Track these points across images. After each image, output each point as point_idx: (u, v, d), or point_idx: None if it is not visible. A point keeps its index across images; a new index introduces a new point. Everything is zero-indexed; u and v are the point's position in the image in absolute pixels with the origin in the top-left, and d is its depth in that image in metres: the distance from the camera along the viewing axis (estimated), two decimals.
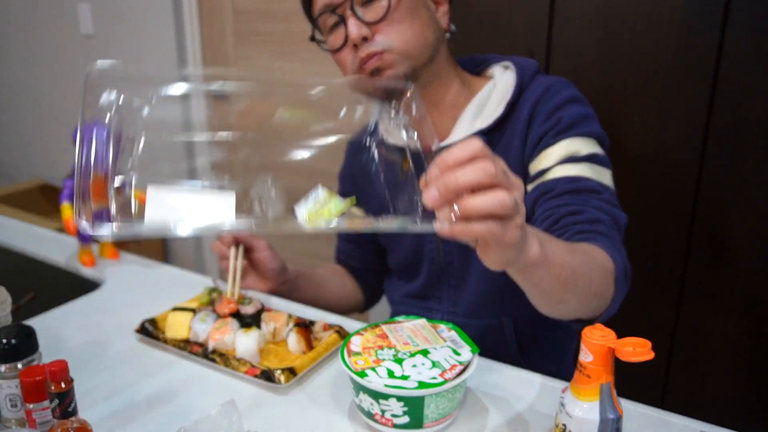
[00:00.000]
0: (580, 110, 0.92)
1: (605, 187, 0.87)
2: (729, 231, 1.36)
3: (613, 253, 0.78)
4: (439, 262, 1.03)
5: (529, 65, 0.97)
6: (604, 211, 0.84)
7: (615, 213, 0.85)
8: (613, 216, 0.84)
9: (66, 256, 1.22)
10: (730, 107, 1.30)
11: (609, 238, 0.81)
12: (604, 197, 0.85)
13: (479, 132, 0.94)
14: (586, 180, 0.86)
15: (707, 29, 1.28)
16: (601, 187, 0.86)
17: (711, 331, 1.43)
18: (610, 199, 0.86)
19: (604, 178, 0.88)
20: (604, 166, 0.90)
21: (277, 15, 2.30)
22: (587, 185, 0.86)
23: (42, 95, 3.12)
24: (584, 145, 0.89)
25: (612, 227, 0.83)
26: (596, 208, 0.84)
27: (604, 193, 0.86)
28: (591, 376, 0.60)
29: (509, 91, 0.94)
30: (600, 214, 0.83)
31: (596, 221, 0.82)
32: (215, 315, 0.93)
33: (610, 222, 0.83)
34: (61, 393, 0.57)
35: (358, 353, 0.72)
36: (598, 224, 0.82)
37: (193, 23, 2.51)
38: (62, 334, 0.94)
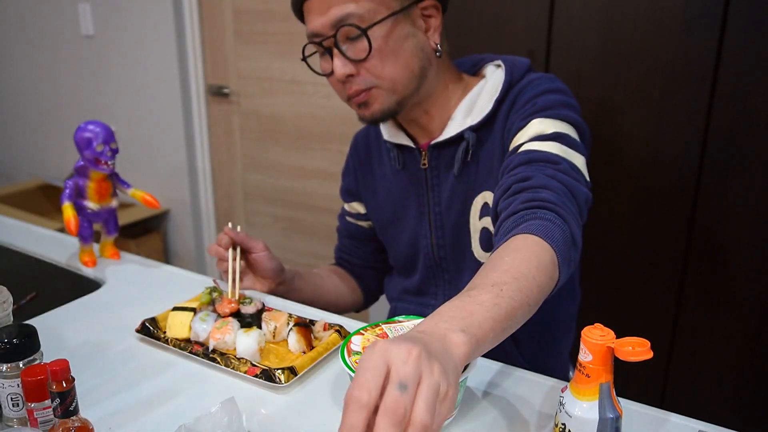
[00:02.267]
0: (558, 98, 0.91)
1: (566, 161, 0.84)
2: (728, 231, 1.36)
3: (551, 231, 0.73)
4: (432, 256, 1.05)
5: (519, 63, 0.97)
6: (558, 180, 0.81)
7: (571, 183, 0.81)
8: (568, 185, 0.81)
9: (67, 255, 1.22)
10: (730, 107, 1.30)
11: (554, 205, 0.77)
12: (561, 167, 0.83)
13: (469, 128, 0.95)
14: (546, 153, 0.84)
15: (707, 29, 1.29)
16: (560, 159, 0.84)
17: (710, 331, 1.43)
18: (569, 171, 0.83)
19: (571, 157, 0.85)
20: (575, 149, 0.87)
21: (277, 15, 2.31)
22: (544, 156, 0.84)
23: (42, 95, 3.13)
24: (554, 125, 0.88)
25: (563, 195, 0.80)
26: (548, 176, 0.81)
27: (563, 164, 0.83)
28: (590, 376, 0.60)
29: (498, 88, 0.95)
30: (550, 180, 0.80)
31: (543, 188, 0.79)
32: (216, 315, 0.93)
33: (561, 189, 0.80)
34: (62, 392, 0.58)
35: (358, 353, 0.72)
36: (544, 191, 0.79)
37: (193, 23, 2.51)
38: (63, 333, 0.94)
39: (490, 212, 0.95)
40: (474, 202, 0.98)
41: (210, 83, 2.59)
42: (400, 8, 0.89)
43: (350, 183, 1.18)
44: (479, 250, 0.99)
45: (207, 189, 2.73)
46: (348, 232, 1.22)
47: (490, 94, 0.96)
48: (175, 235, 2.85)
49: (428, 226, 1.04)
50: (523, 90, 0.94)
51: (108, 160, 1.10)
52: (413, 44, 0.91)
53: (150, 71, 2.64)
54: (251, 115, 2.52)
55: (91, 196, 1.14)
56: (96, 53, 2.80)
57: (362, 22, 0.87)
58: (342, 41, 0.89)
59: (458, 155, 0.97)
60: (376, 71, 0.90)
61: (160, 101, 2.65)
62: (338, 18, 0.87)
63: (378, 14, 0.87)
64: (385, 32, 0.88)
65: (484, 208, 0.97)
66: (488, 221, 0.96)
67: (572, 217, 0.78)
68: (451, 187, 1.00)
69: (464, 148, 0.96)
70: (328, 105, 2.28)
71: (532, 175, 0.81)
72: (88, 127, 1.09)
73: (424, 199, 1.04)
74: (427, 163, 1.01)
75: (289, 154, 2.46)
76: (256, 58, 2.43)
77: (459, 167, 0.97)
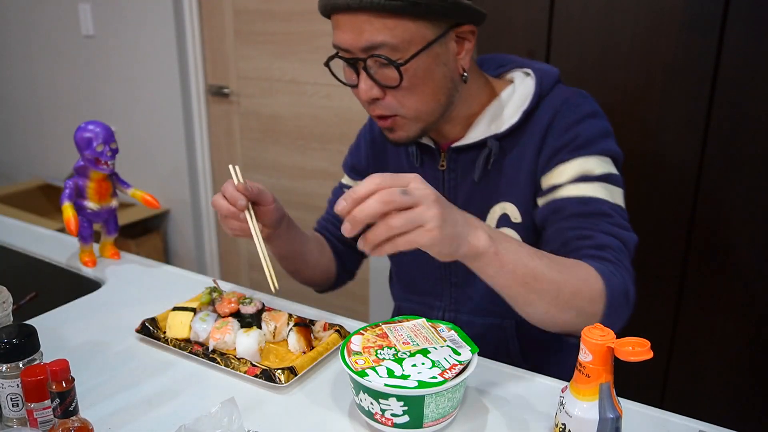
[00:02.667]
0: (597, 126, 0.91)
1: (616, 208, 0.87)
2: (728, 231, 1.36)
3: (609, 274, 0.79)
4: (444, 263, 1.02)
5: (549, 74, 0.95)
6: (614, 235, 0.84)
7: (624, 236, 0.85)
8: (623, 239, 0.84)
9: (67, 256, 1.22)
10: (730, 107, 1.30)
11: (614, 264, 0.81)
12: (614, 220, 0.85)
13: (493, 136, 0.93)
14: (598, 202, 0.86)
15: (707, 29, 1.29)
16: (612, 209, 0.86)
17: (710, 331, 1.43)
18: (620, 222, 0.86)
19: (616, 198, 0.88)
20: (618, 186, 0.89)
21: (277, 15, 2.31)
22: (598, 208, 0.85)
23: (42, 95, 3.13)
24: (599, 164, 0.88)
25: (620, 252, 0.83)
26: (605, 232, 0.84)
27: (615, 215, 0.85)
28: (590, 376, 0.60)
29: (527, 98, 0.93)
30: (609, 239, 0.83)
31: (604, 247, 0.83)
32: (216, 315, 0.93)
33: (618, 246, 0.83)
34: (62, 392, 0.58)
35: (358, 353, 0.72)
36: (606, 250, 0.82)
37: (194, 23, 2.52)
38: (63, 333, 0.94)
39: (508, 224, 0.95)
40: (492, 210, 0.96)
41: (210, 83, 2.59)
42: (435, 38, 0.85)
43: (359, 161, 1.14)
44: None
45: (207, 189, 2.73)
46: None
47: (517, 104, 0.94)
48: (175, 235, 2.85)
49: None
50: (560, 112, 0.91)
51: (108, 160, 1.10)
52: (442, 74, 0.88)
53: (150, 71, 2.64)
54: (251, 115, 2.52)
55: (91, 196, 1.14)
56: (96, 53, 2.80)
57: (395, 52, 0.83)
58: (371, 66, 0.85)
59: (479, 162, 0.95)
60: (402, 101, 0.88)
61: (160, 101, 2.65)
62: (371, 45, 0.83)
63: (412, 46, 0.83)
64: (417, 64, 0.85)
65: (502, 218, 0.96)
66: (505, 231, 0.95)
67: (629, 275, 0.82)
68: (468, 191, 0.98)
69: (486, 156, 0.94)
70: (328, 105, 2.28)
71: (592, 234, 0.84)
72: (88, 127, 1.09)
73: None
74: (445, 165, 0.99)
75: (289, 154, 2.46)
76: (256, 58, 2.43)
77: (480, 174, 0.95)
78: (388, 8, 0.79)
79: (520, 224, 0.95)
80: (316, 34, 2.22)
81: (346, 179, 1.18)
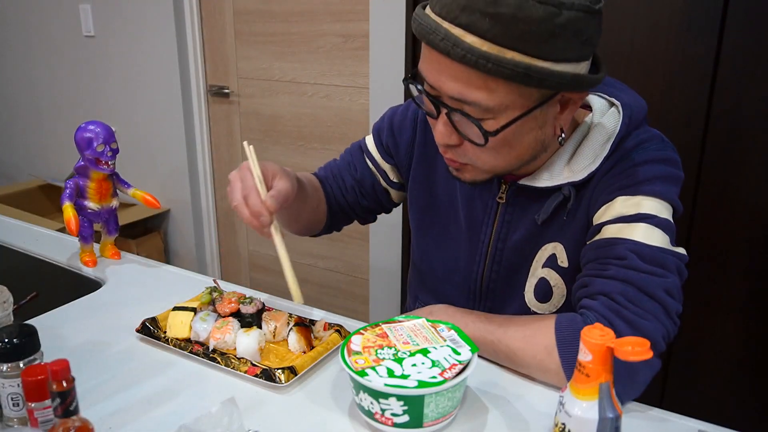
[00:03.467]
0: (658, 170, 0.80)
1: (642, 248, 0.75)
2: (728, 231, 1.36)
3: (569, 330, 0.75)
4: (479, 283, 0.97)
5: (638, 111, 0.83)
6: (623, 279, 0.75)
7: (639, 279, 0.74)
8: (635, 283, 0.74)
9: (67, 255, 1.22)
10: (729, 107, 1.30)
11: (598, 313, 0.74)
12: (628, 263, 0.75)
13: (570, 183, 0.82)
14: (620, 243, 0.77)
15: (707, 29, 1.29)
16: (633, 250, 0.75)
17: (709, 331, 1.43)
18: (637, 265, 0.75)
19: (653, 239, 0.76)
20: (661, 228, 0.77)
21: (277, 15, 2.31)
22: (614, 251, 0.77)
23: (42, 95, 3.13)
24: (644, 204, 0.78)
25: (625, 297, 0.74)
26: (610, 277, 0.76)
27: (631, 258, 0.75)
28: (590, 376, 0.60)
29: (610, 141, 0.81)
30: (612, 285, 0.75)
31: (597, 295, 0.76)
32: (216, 314, 0.93)
33: (623, 291, 0.74)
34: (62, 392, 0.58)
35: (358, 352, 0.72)
36: (598, 298, 0.76)
37: (194, 24, 2.52)
38: (64, 333, 0.94)
39: (554, 265, 0.89)
40: (543, 248, 0.89)
41: (210, 83, 2.59)
42: (539, 103, 0.73)
43: (398, 148, 1.02)
44: (531, 296, 0.91)
45: (207, 189, 2.73)
46: (357, 172, 1.06)
47: (598, 145, 0.82)
48: (175, 235, 2.85)
49: (484, 256, 0.94)
50: (628, 154, 0.81)
51: (108, 160, 1.10)
52: (534, 137, 0.77)
53: (150, 71, 2.64)
54: (251, 115, 2.52)
55: (92, 196, 1.14)
56: (96, 53, 2.80)
57: (487, 113, 0.72)
58: (455, 114, 0.74)
59: (548, 207, 0.84)
60: (481, 156, 0.78)
61: (160, 101, 2.65)
62: (461, 98, 0.72)
63: (510, 110, 0.72)
64: (510, 128, 0.74)
65: (549, 258, 0.88)
66: (549, 272, 0.89)
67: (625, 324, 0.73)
68: (525, 230, 0.89)
69: (559, 202, 0.84)
70: (328, 105, 2.28)
71: (592, 281, 0.78)
72: (88, 127, 1.10)
73: (488, 229, 0.93)
74: (504, 199, 0.90)
75: (290, 154, 2.46)
76: (257, 59, 2.43)
77: (544, 219, 0.85)
78: (494, 72, 0.67)
79: (565, 269, 0.87)
80: (316, 34, 2.22)
81: (371, 145, 1.06)
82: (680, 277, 0.78)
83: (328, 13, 2.17)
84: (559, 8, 0.66)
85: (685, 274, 0.79)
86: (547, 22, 0.66)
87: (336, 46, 2.19)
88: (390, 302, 2.16)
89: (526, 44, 0.67)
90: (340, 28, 2.16)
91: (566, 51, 0.69)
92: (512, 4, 0.65)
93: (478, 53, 0.67)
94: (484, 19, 0.66)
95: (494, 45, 0.67)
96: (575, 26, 0.68)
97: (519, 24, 0.65)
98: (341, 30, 2.16)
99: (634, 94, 0.87)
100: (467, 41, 0.67)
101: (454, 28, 0.68)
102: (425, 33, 0.71)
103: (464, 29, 0.67)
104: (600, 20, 0.72)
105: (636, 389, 0.74)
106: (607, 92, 0.86)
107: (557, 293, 0.90)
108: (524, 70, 0.67)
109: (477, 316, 0.86)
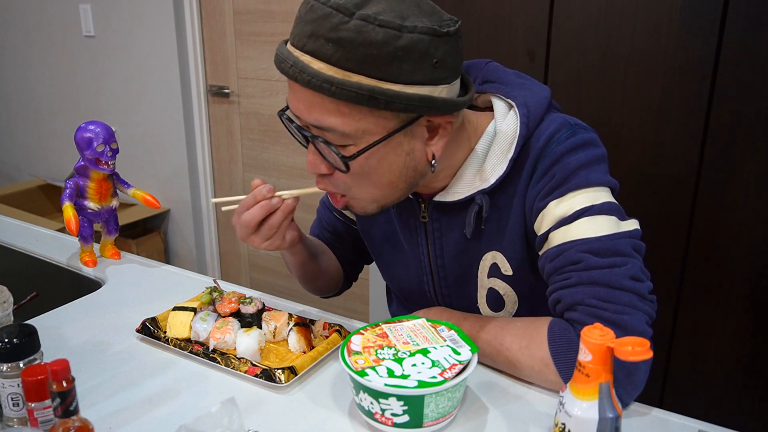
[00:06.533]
0: (578, 159, 0.79)
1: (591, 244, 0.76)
2: (728, 231, 1.36)
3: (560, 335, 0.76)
4: (435, 300, 0.98)
5: (536, 107, 0.82)
6: (586, 282, 0.75)
7: (601, 276, 0.74)
8: (600, 281, 0.74)
9: (67, 255, 1.22)
10: (729, 107, 1.30)
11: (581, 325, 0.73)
12: (585, 264, 0.75)
13: (480, 191, 0.82)
14: (569, 248, 0.77)
15: (707, 29, 1.29)
16: (584, 250, 0.76)
17: (709, 331, 1.43)
18: (594, 263, 0.75)
19: (598, 229, 0.76)
20: (602, 213, 0.77)
21: (277, 15, 2.31)
22: (567, 258, 0.77)
23: (43, 95, 3.13)
24: (576, 201, 0.78)
25: (599, 300, 0.74)
26: (573, 285, 0.76)
27: (586, 258, 0.75)
28: (590, 376, 0.60)
29: (513, 143, 0.81)
30: (580, 292, 0.75)
31: (575, 306, 0.76)
32: (216, 314, 0.94)
33: (594, 294, 0.74)
34: (62, 392, 0.58)
35: (358, 352, 0.72)
36: (577, 309, 0.76)
37: (194, 24, 2.52)
38: (64, 333, 0.94)
39: (498, 274, 0.89)
40: (482, 259, 0.89)
41: (210, 83, 2.59)
42: (398, 128, 0.72)
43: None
44: (485, 307, 0.92)
45: (207, 189, 2.73)
46: (328, 225, 1.10)
47: (503, 149, 0.82)
48: (175, 235, 2.85)
49: (429, 273, 0.95)
50: (543, 151, 0.80)
51: (108, 160, 1.10)
52: (403, 164, 0.76)
53: (150, 71, 2.64)
54: (251, 115, 2.52)
55: (92, 196, 1.14)
56: (96, 53, 2.80)
57: (347, 138, 0.72)
58: (319, 143, 0.74)
59: (470, 219, 0.84)
60: (352, 185, 0.78)
61: (160, 101, 2.65)
62: (319, 125, 0.72)
63: (368, 135, 0.72)
64: (370, 155, 0.73)
65: (492, 267, 0.88)
66: (496, 282, 0.89)
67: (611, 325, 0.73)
68: (456, 243, 0.89)
69: (476, 212, 0.84)
70: None
71: (561, 296, 0.77)
72: (88, 127, 1.10)
73: (423, 249, 0.93)
74: (427, 217, 0.90)
75: (290, 154, 2.46)
76: (256, 59, 2.43)
77: (471, 231, 0.85)
78: (339, 96, 0.68)
79: (511, 276, 0.87)
80: None
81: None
82: (639, 254, 0.78)
83: None
84: (400, 30, 0.66)
85: (643, 248, 0.78)
86: (387, 45, 0.66)
87: None
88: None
89: (370, 67, 0.67)
90: None
91: (414, 73, 0.69)
92: (352, 28, 0.66)
93: (322, 78, 0.68)
94: (327, 44, 0.67)
95: (339, 69, 0.68)
96: (420, 49, 0.68)
97: (360, 48, 0.66)
98: None
99: (533, 85, 0.85)
100: (314, 67, 0.68)
101: (303, 55, 0.70)
102: (279, 62, 0.73)
103: (311, 56, 0.69)
104: (455, 44, 0.72)
105: (637, 387, 0.74)
106: (503, 93, 0.85)
107: (509, 301, 0.90)
108: (368, 92, 0.67)
109: (472, 324, 0.85)
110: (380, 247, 1.02)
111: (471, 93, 0.78)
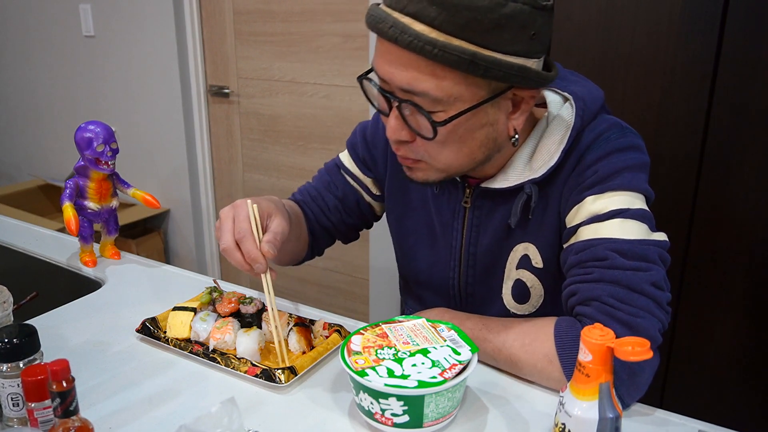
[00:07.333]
0: (622, 160, 0.80)
1: (621, 245, 0.75)
2: (728, 231, 1.36)
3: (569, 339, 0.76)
4: (457, 288, 0.97)
5: (592, 103, 0.83)
6: (608, 281, 0.75)
7: (625, 278, 0.74)
8: (621, 281, 0.74)
9: (67, 255, 1.22)
10: (730, 107, 1.30)
11: (593, 320, 0.74)
12: (610, 263, 0.75)
13: (530, 181, 0.82)
14: (598, 245, 0.77)
15: (707, 29, 1.29)
16: (612, 249, 0.76)
17: (710, 331, 1.43)
18: (619, 263, 0.75)
19: (629, 233, 0.76)
20: (636, 219, 0.77)
21: (277, 15, 2.31)
22: (593, 254, 0.77)
23: (43, 95, 3.13)
24: (614, 200, 0.78)
25: (615, 299, 0.74)
26: (595, 281, 0.76)
27: (612, 257, 0.75)
28: (590, 376, 0.60)
29: (566, 135, 0.81)
30: (600, 288, 0.75)
31: (590, 301, 0.76)
32: (216, 314, 0.93)
33: (612, 293, 0.74)
34: (62, 392, 0.58)
35: (358, 352, 0.72)
36: (591, 304, 0.76)
37: (194, 23, 2.52)
38: (63, 333, 0.94)
39: (527, 266, 0.89)
40: (514, 249, 0.89)
41: (210, 83, 2.59)
42: (488, 98, 0.73)
43: (374, 160, 1.02)
44: (509, 298, 0.92)
45: (207, 189, 2.73)
46: (339, 191, 1.05)
47: (556, 141, 0.82)
48: (175, 235, 2.85)
49: (458, 261, 0.95)
50: (590, 148, 0.81)
51: (108, 160, 1.10)
52: (486, 134, 0.77)
53: (150, 71, 2.64)
54: (251, 115, 2.52)
55: (92, 196, 1.14)
56: (96, 53, 2.80)
57: (437, 104, 0.72)
58: (406, 108, 0.75)
59: (516, 208, 0.84)
60: (433, 152, 0.78)
61: (160, 101, 2.65)
62: (411, 89, 0.72)
63: (459, 102, 0.72)
64: (459, 123, 0.74)
65: (522, 259, 0.88)
66: (524, 273, 0.89)
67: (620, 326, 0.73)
68: (494, 232, 0.89)
69: (524, 201, 0.83)
70: (328, 105, 2.28)
71: (579, 288, 0.77)
72: (88, 127, 1.10)
73: (458, 234, 0.93)
74: (470, 203, 0.90)
75: (289, 154, 2.46)
76: (256, 59, 2.43)
77: (516, 220, 0.85)
78: (440, 59, 0.68)
79: (541, 269, 0.88)
80: (316, 34, 2.22)
81: (348, 161, 1.06)
82: (664, 265, 0.78)
83: (328, 13, 2.17)
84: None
85: (668, 260, 0.79)
86: (492, 11, 0.67)
87: (336, 46, 2.19)
88: (390, 302, 2.16)
89: (472, 33, 0.67)
90: (340, 28, 2.16)
91: (513, 43, 0.69)
92: None
93: (425, 39, 0.68)
94: (431, 6, 0.67)
95: (441, 33, 0.68)
96: (521, 19, 0.68)
97: (464, 12, 0.66)
98: (341, 30, 2.16)
99: (589, 84, 0.87)
100: (415, 29, 0.68)
101: (403, 17, 0.69)
102: (375, 23, 0.72)
103: (412, 17, 0.69)
104: (549, 18, 0.73)
105: (639, 390, 0.74)
106: (559, 86, 0.86)
107: (534, 294, 0.90)
108: (470, 57, 0.68)
109: (474, 323, 0.86)
110: (410, 229, 1.01)
111: (556, 70, 0.78)
